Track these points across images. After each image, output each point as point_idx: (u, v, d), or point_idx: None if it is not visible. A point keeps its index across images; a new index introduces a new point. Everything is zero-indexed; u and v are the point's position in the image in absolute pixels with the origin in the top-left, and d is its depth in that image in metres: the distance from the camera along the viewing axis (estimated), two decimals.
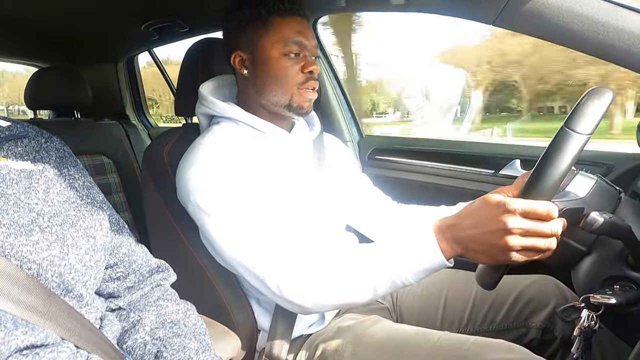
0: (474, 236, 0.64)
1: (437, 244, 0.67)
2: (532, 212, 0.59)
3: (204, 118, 0.97)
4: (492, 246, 0.62)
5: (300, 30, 0.88)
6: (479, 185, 1.31)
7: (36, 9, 1.48)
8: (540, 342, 0.94)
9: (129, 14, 1.56)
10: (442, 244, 0.67)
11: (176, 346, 0.61)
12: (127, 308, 0.66)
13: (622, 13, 0.67)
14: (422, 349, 0.79)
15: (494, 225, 0.61)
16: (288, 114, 0.91)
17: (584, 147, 0.58)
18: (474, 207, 0.66)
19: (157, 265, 0.71)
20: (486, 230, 0.62)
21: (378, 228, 1.09)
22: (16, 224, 0.49)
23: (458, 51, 5.49)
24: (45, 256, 0.50)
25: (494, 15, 0.81)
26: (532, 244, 0.61)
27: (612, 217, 0.60)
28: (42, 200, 0.53)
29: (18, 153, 0.56)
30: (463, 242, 0.66)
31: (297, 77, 0.88)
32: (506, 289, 0.97)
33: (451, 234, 0.67)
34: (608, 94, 0.58)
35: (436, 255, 0.67)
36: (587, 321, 0.65)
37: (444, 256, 0.67)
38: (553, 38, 0.77)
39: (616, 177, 1.06)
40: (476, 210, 0.65)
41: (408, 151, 1.53)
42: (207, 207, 0.79)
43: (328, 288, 0.74)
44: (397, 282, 0.70)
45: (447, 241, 0.67)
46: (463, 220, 0.66)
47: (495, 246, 0.62)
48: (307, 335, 0.94)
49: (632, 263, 0.65)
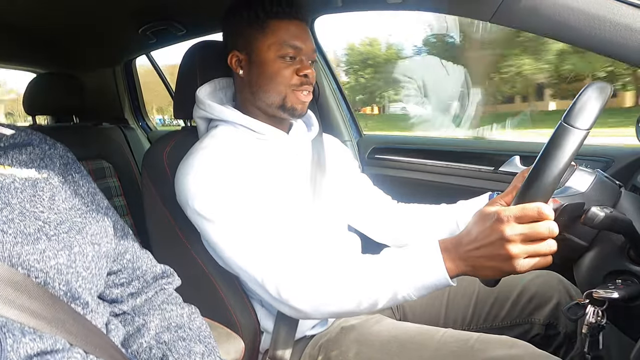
0: (476, 252, 0.64)
1: (443, 263, 0.67)
2: (524, 216, 0.60)
3: (202, 122, 0.97)
4: (494, 258, 0.62)
5: (297, 33, 0.88)
6: (479, 182, 1.31)
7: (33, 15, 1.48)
8: (544, 337, 0.94)
9: (126, 17, 1.56)
10: (448, 262, 0.67)
11: (181, 350, 0.60)
12: (131, 312, 0.66)
13: (619, 7, 0.67)
14: (427, 347, 0.79)
15: (492, 236, 0.62)
16: (283, 115, 0.91)
17: (583, 142, 0.58)
18: (472, 224, 0.66)
19: (162, 271, 0.71)
20: (486, 242, 0.63)
21: (379, 228, 1.09)
22: (22, 233, 0.49)
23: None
24: (52, 264, 0.49)
25: (491, 12, 0.81)
26: (534, 249, 0.61)
27: (612, 212, 0.60)
28: (47, 208, 0.53)
29: (22, 161, 0.56)
30: (467, 259, 0.66)
31: (291, 79, 0.88)
32: (509, 285, 0.97)
33: (456, 253, 0.67)
34: (606, 89, 0.58)
35: (441, 273, 0.67)
36: (593, 317, 0.65)
37: (449, 275, 0.67)
38: (550, 34, 0.77)
39: (616, 172, 1.06)
40: (474, 226, 0.65)
41: (408, 150, 1.53)
42: (206, 213, 0.79)
43: (328, 295, 0.74)
44: (399, 297, 0.70)
45: (453, 260, 0.67)
46: (464, 237, 0.67)
47: (497, 257, 0.62)
48: (311, 336, 0.94)
49: (634, 257, 0.65)
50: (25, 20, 1.53)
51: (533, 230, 0.60)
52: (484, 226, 0.63)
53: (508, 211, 0.61)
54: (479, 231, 0.64)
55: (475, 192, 1.04)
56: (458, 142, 1.48)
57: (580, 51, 0.69)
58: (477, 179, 1.32)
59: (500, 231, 0.61)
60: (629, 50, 0.68)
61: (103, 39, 1.85)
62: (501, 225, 0.61)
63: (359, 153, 1.64)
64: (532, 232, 0.60)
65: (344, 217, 1.07)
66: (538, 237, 0.60)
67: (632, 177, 0.95)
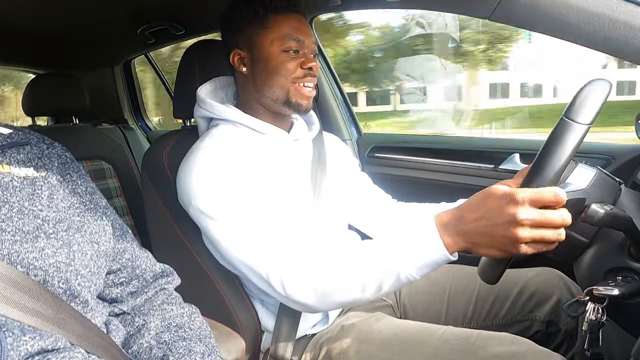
0: (480, 229, 0.62)
1: (440, 238, 0.65)
2: (540, 200, 0.57)
3: (203, 121, 0.97)
4: (500, 239, 0.61)
5: (298, 27, 0.89)
6: (479, 180, 1.31)
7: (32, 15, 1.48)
8: (545, 334, 0.94)
9: (125, 18, 1.56)
10: (446, 238, 0.65)
11: (182, 350, 0.60)
12: (131, 312, 0.66)
13: (617, 4, 0.67)
14: (428, 344, 0.79)
15: (502, 217, 0.59)
16: (288, 111, 0.91)
17: (584, 138, 0.58)
18: (479, 200, 0.64)
19: (162, 270, 0.71)
20: (493, 222, 0.60)
21: (379, 227, 1.09)
22: (21, 231, 0.49)
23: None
24: (51, 262, 0.50)
25: (489, 10, 0.81)
26: (541, 235, 0.59)
27: (613, 209, 0.60)
28: (46, 206, 0.53)
29: (20, 160, 0.56)
30: (468, 236, 0.64)
31: (295, 72, 0.88)
32: (509, 282, 0.97)
33: (455, 228, 0.65)
34: (606, 84, 0.58)
35: (440, 249, 0.65)
36: (594, 314, 0.65)
37: (448, 250, 0.65)
38: (549, 31, 0.77)
39: (616, 169, 1.06)
40: (481, 203, 0.63)
41: (407, 148, 1.53)
42: (209, 211, 0.79)
43: (332, 286, 0.73)
44: (402, 278, 0.69)
45: (451, 235, 0.65)
46: (467, 213, 0.64)
47: (503, 238, 0.60)
48: (312, 334, 0.94)
49: (634, 254, 0.65)
50: (24, 20, 1.52)
51: (546, 218, 0.58)
52: (494, 206, 0.61)
53: (524, 193, 0.58)
54: (487, 210, 0.61)
55: (475, 190, 1.03)
56: (458, 140, 1.48)
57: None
58: (477, 177, 1.32)
59: (512, 213, 0.58)
60: (628, 47, 0.68)
61: (102, 39, 1.85)
62: (515, 207, 0.58)
63: (358, 152, 1.64)
64: (545, 219, 0.58)
65: (345, 215, 1.07)
66: (550, 225, 0.58)
67: (632, 174, 0.95)
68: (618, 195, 0.70)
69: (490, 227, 0.61)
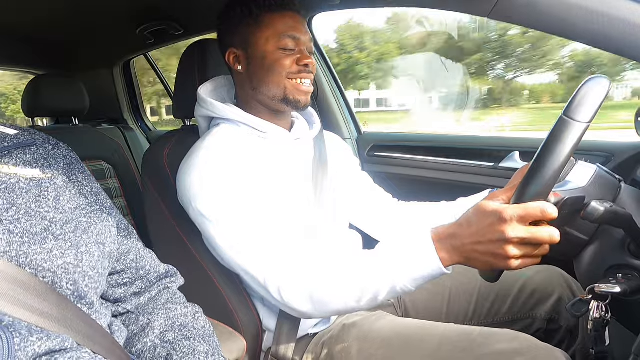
0: (474, 246, 0.64)
1: (436, 253, 0.67)
2: (527, 215, 0.59)
3: (203, 120, 0.97)
4: (491, 255, 0.62)
5: (293, 25, 0.89)
6: (479, 179, 1.31)
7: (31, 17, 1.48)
8: (546, 332, 0.94)
9: (124, 18, 1.56)
10: (441, 253, 0.67)
11: (186, 349, 0.61)
12: (135, 312, 0.66)
13: (617, 2, 0.67)
14: (429, 342, 0.79)
15: (492, 235, 0.61)
16: (286, 108, 0.91)
17: (584, 136, 0.58)
18: (471, 216, 0.65)
19: (166, 271, 0.71)
20: (485, 239, 0.62)
21: (379, 226, 1.09)
22: (29, 232, 0.49)
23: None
24: (60, 264, 0.49)
25: (489, 8, 0.81)
26: (529, 252, 0.61)
27: (612, 206, 0.60)
28: (53, 208, 0.53)
29: (27, 161, 0.56)
30: (462, 251, 0.66)
31: (290, 68, 0.88)
32: (510, 280, 0.97)
33: (450, 244, 0.66)
34: (605, 82, 0.58)
35: (435, 263, 0.67)
36: (597, 312, 0.65)
37: (443, 264, 0.67)
38: (549, 29, 0.77)
39: (615, 167, 1.06)
40: (473, 220, 0.65)
41: (407, 147, 1.53)
42: (208, 214, 0.80)
43: (329, 295, 0.74)
44: (397, 289, 0.70)
45: (447, 250, 0.67)
46: (461, 230, 0.66)
47: (494, 255, 0.62)
48: (313, 334, 0.94)
49: (634, 251, 0.65)
50: (24, 21, 1.52)
51: (534, 236, 0.59)
52: (485, 223, 0.63)
53: (511, 210, 0.59)
54: (479, 227, 0.63)
55: (475, 189, 1.04)
56: (457, 138, 1.48)
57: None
58: (476, 175, 1.32)
59: (501, 231, 0.60)
60: (628, 44, 0.68)
61: (101, 40, 1.85)
62: (503, 226, 0.60)
63: (358, 151, 1.64)
64: (533, 237, 0.59)
65: (346, 215, 1.07)
66: (538, 242, 0.60)
67: (632, 172, 0.95)
68: (618, 192, 0.70)
69: (482, 243, 0.63)
